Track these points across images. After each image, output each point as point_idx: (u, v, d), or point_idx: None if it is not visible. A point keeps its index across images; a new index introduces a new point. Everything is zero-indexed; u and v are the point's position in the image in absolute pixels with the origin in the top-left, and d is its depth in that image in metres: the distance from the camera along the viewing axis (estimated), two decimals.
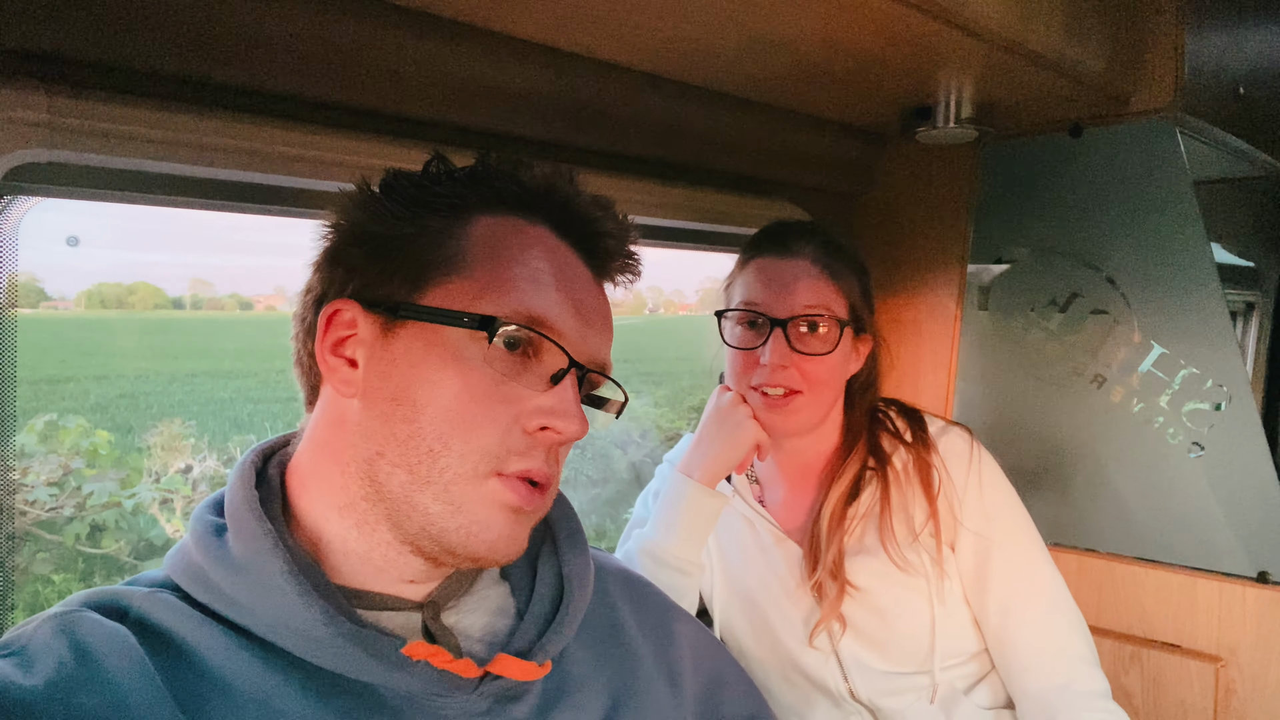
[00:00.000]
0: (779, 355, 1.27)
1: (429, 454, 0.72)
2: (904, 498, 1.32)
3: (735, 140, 1.59)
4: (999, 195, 1.77)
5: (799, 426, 1.33)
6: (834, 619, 1.31)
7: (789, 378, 1.28)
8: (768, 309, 1.29)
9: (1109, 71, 1.48)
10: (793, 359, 1.27)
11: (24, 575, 2.62)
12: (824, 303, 1.29)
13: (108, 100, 0.92)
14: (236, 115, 1.02)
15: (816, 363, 1.28)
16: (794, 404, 1.29)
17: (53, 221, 1.07)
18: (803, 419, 1.32)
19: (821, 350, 1.28)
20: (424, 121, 1.20)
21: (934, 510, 1.31)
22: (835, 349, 1.29)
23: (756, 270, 1.32)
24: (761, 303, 1.29)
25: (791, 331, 1.28)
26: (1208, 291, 1.53)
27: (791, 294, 1.28)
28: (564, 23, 1.16)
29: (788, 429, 1.32)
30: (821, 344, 1.28)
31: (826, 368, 1.29)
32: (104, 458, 2.95)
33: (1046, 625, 1.30)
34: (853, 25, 1.17)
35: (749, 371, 1.31)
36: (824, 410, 1.34)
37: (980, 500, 1.32)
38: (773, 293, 1.29)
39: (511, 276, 0.75)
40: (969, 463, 1.34)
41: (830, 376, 1.31)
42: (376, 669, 0.70)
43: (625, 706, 0.85)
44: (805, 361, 1.28)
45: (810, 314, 1.28)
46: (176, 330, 5.05)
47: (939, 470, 1.32)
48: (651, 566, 1.28)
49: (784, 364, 1.27)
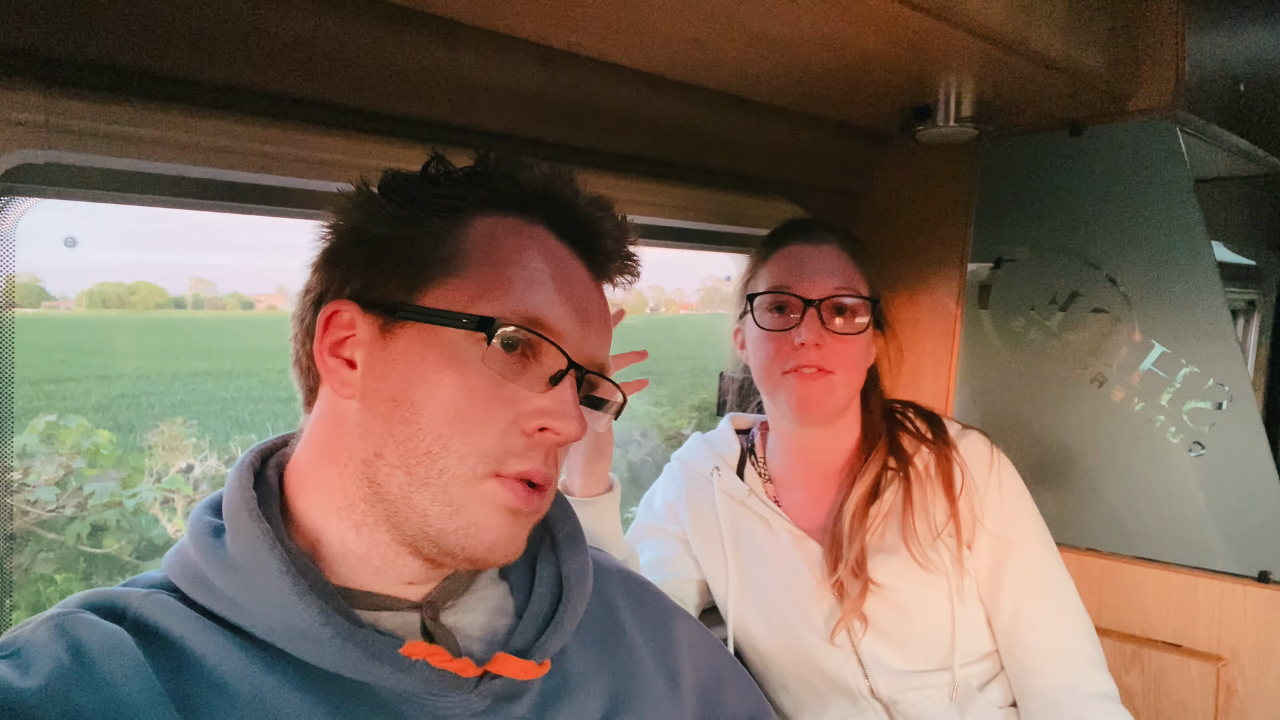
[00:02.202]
0: (814, 334, 1.29)
1: (427, 455, 0.72)
2: (925, 497, 1.34)
3: (735, 140, 1.59)
4: (999, 194, 1.77)
5: (833, 406, 1.34)
6: (856, 617, 1.32)
7: (823, 357, 1.29)
8: (801, 290, 1.31)
9: (1109, 70, 1.47)
10: (826, 338, 1.29)
11: (26, 575, 2.62)
12: (853, 285, 1.33)
13: (107, 100, 0.92)
14: (236, 115, 1.02)
15: (849, 342, 1.31)
16: (829, 382, 1.30)
17: (51, 222, 1.07)
18: (836, 398, 1.33)
19: (854, 330, 1.31)
20: (423, 121, 1.20)
21: (955, 510, 1.32)
22: (867, 329, 1.33)
23: (784, 257, 1.35)
24: (793, 285, 1.31)
25: (825, 311, 1.30)
26: (1208, 290, 1.52)
27: (823, 275, 1.31)
28: (563, 23, 1.16)
29: (823, 408, 1.33)
30: (853, 324, 1.32)
31: (858, 348, 1.32)
32: (105, 457, 2.95)
33: (1057, 626, 1.31)
34: (852, 24, 1.16)
35: (781, 355, 1.31)
36: (853, 393, 1.36)
37: (1000, 502, 1.34)
38: (804, 275, 1.32)
39: (510, 277, 0.75)
40: (990, 465, 1.36)
41: (861, 358, 1.34)
42: (374, 668, 0.70)
43: (624, 706, 0.85)
44: (838, 341, 1.30)
45: (842, 294, 1.31)
46: (178, 330, 5.05)
47: (961, 471, 1.34)
48: None
49: (819, 342, 1.29)
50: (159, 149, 0.96)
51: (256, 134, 1.03)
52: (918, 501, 1.33)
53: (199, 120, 0.98)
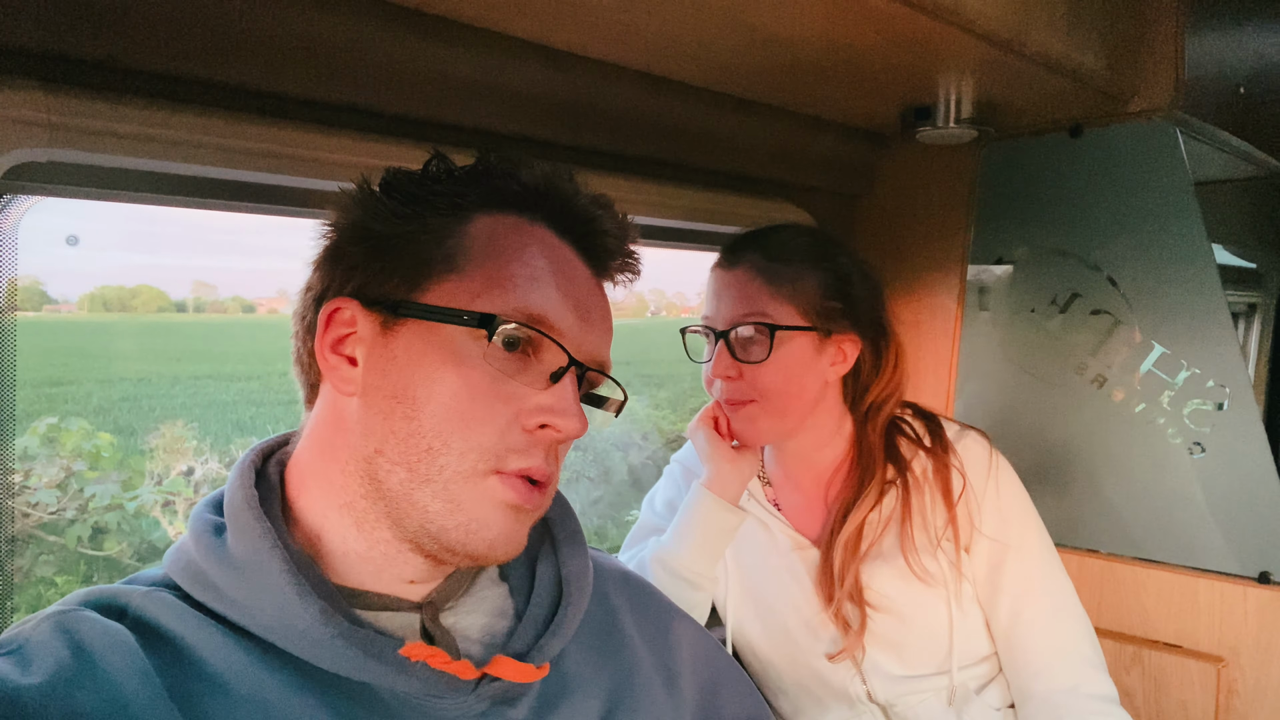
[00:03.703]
0: (721, 366, 1.27)
1: (428, 452, 0.72)
2: (924, 504, 1.32)
3: (735, 140, 1.59)
4: (999, 195, 1.77)
5: (762, 434, 1.32)
6: (858, 647, 1.30)
7: (738, 389, 1.27)
8: (711, 321, 1.30)
9: (1109, 71, 1.47)
10: (739, 368, 1.27)
11: (27, 578, 2.62)
12: (757, 310, 1.26)
13: (108, 100, 0.92)
14: (236, 115, 1.02)
15: (758, 370, 1.26)
16: (746, 413, 1.29)
17: (53, 222, 1.07)
18: (761, 427, 1.30)
19: (756, 358, 1.26)
20: (424, 121, 1.20)
21: (953, 516, 1.30)
22: (769, 356, 1.25)
23: (709, 283, 1.33)
24: (710, 315, 1.30)
25: (734, 342, 1.27)
26: (1209, 292, 1.53)
27: (726, 304, 1.28)
28: (564, 22, 1.16)
29: (753, 437, 1.32)
30: (756, 352, 1.26)
31: (771, 375, 1.26)
32: (106, 460, 2.95)
33: (1056, 629, 1.30)
34: (853, 25, 1.17)
35: (711, 386, 1.32)
36: (791, 417, 1.30)
37: (998, 506, 1.32)
38: (715, 304, 1.30)
39: (511, 275, 0.75)
40: (988, 468, 1.33)
41: (782, 384, 1.27)
42: (374, 669, 0.70)
43: (623, 708, 0.84)
44: (749, 370, 1.26)
45: (742, 322, 1.26)
46: (179, 333, 5.05)
47: (960, 476, 1.32)
48: (663, 576, 1.27)
49: (728, 374, 1.27)
50: (161, 147, 0.96)
51: (258, 133, 1.03)
52: (916, 509, 1.31)
53: (201, 119, 0.98)
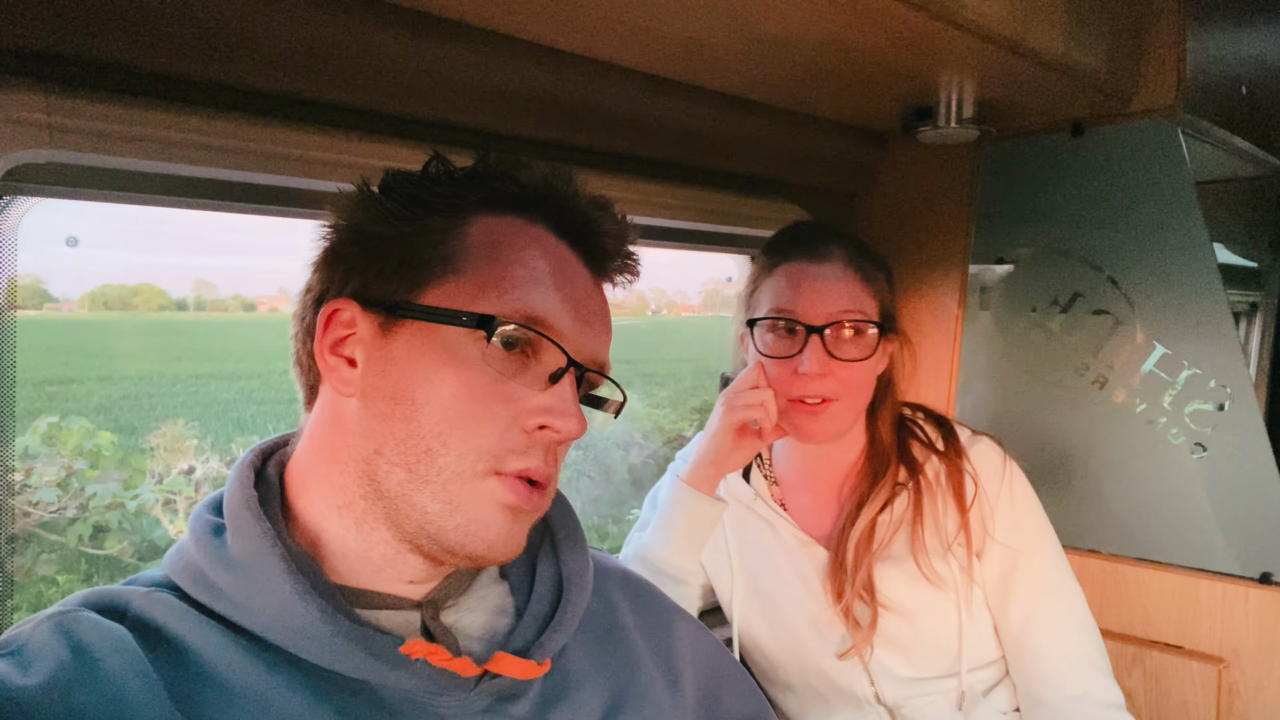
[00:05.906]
0: (818, 363, 1.23)
1: (427, 453, 0.72)
2: (935, 508, 1.31)
3: (736, 140, 1.59)
4: (1000, 195, 1.77)
5: (835, 432, 1.31)
6: (867, 645, 1.30)
7: (827, 386, 1.25)
8: (803, 316, 1.25)
9: (1110, 71, 1.47)
10: (831, 366, 1.24)
11: (28, 577, 2.62)
12: (859, 307, 1.26)
13: (108, 100, 0.93)
14: (236, 115, 1.02)
15: (854, 368, 1.25)
16: (829, 411, 1.27)
17: (53, 223, 1.07)
18: (839, 424, 1.30)
19: (861, 356, 1.25)
20: (423, 121, 1.20)
21: (965, 521, 1.30)
22: (874, 354, 1.27)
23: (786, 275, 1.28)
24: (796, 309, 1.25)
25: (829, 338, 1.24)
26: (1210, 292, 1.52)
27: (827, 299, 1.25)
28: (564, 23, 1.16)
29: (825, 435, 1.30)
30: (860, 350, 1.25)
31: (864, 374, 1.27)
32: (107, 459, 2.95)
33: (1066, 636, 1.30)
34: (853, 25, 1.17)
35: (783, 381, 1.27)
36: (857, 415, 1.33)
37: (1012, 512, 1.32)
38: (807, 299, 1.25)
39: (510, 276, 0.75)
40: (1002, 475, 1.33)
41: (866, 381, 1.29)
42: (374, 667, 0.70)
43: (624, 706, 0.85)
44: (843, 368, 1.25)
45: (848, 319, 1.25)
46: (180, 332, 5.06)
47: (973, 481, 1.31)
48: (647, 574, 1.27)
49: (824, 372, 1.24)
50: (160, 148, 0.96)
51: (257, 134, 1.03)
52: (928, 512, 1.31)
53: (200, 120, 0.98)
